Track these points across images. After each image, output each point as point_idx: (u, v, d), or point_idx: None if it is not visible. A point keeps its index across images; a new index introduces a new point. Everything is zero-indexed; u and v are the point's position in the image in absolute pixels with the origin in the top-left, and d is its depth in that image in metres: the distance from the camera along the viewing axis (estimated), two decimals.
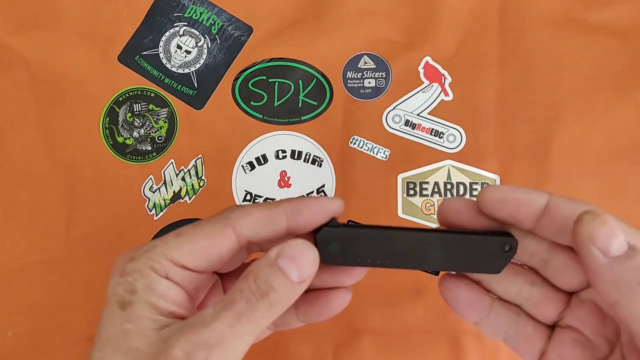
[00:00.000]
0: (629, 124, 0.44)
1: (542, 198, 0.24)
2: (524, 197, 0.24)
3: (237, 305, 0.22)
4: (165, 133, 0.45)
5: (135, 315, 0.23)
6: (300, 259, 0.23)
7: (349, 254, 0.25)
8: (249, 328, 0.22)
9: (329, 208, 0.25)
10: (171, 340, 0.22)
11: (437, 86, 0.44)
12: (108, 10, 0.45)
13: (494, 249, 0.25)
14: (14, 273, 0.43)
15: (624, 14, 0.44)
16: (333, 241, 0.25)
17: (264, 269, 0.23)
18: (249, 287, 0.23)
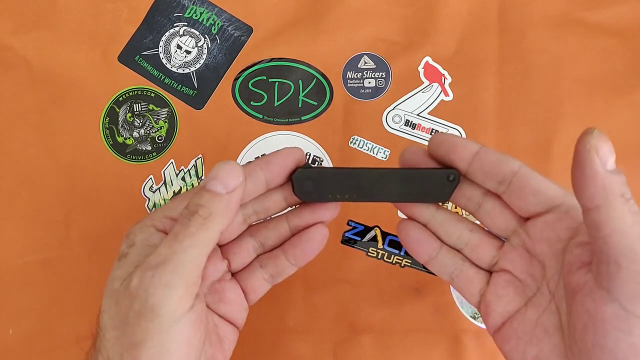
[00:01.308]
0: (628, 124, 0.44)
1: (475, 146, 0.28)
2: (459, 142, 0.28)
3: (174, 229, 0.26)
4: (165, 133, 0.45)
5: (127, 263, 0.27)
6: (221, 173, 0.26)
7: (321, 190, 0.29)
8: (188, 242, 0.25)
9: (292, 155, 0.29)
10: (132, 274, 0.26)
11: (437, 86, 0.44)
12: (108, 10, 0.45)
13: (441, 180, 0.29)
14: (14, 272, 0.43)
15: (623, 14, 0.44)
16: (306, 180, 0.29)
17: (193, 197, 0.26)
18: (183, 213, 0.26)
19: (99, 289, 0.43)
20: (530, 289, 0.29)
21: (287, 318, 0.43)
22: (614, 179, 0.24)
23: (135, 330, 0.25)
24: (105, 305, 0.26)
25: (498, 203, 0.29)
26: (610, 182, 0.24)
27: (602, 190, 0.24)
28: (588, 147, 0.24)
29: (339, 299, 0.43)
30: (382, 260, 0.43)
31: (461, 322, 0.43)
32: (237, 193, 0.27)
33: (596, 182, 0.24)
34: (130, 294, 0.25)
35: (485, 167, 0.28)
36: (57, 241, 0.43)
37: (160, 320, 0.25)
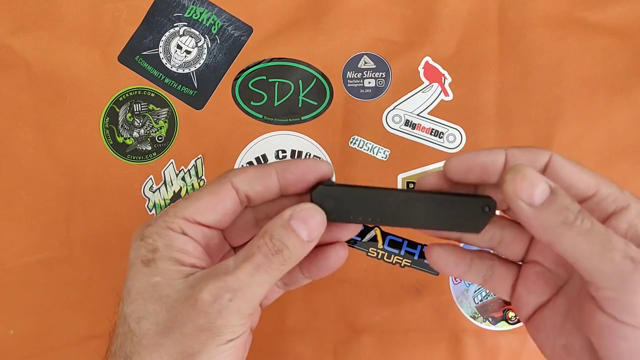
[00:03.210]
0: (628, 123, 0.44)
1: (501, 156, 0.26)
2: (487, 160, 0.27)
3: (256, 258, 0.25)
4: (165, 133, 0.45)
5: (160, 269, 0.26)
6: (310, 220, 0.26)
7: (342, 211, 0.27)
8: (266, 278, 0.25)
9: (315, 168, 0.28)
10: (199, 285, 0.25)
11: (437, 86, 0.44)
12: (108, 10, 0.45)
13: (475, 210, 0.27)
14: (15, 273, 0.43)
15: (623, 14, 0.44)
16: (327, 198, 0.27)
17: (278, 229, 0.26)
18: (266, 244, 0.26)
19: (99, 288, 0.43)
20: (561, 278, 0.29)
21: (287, 318, 0.43)
22: (547, 213, 0.24)
23: (192, 342, 0.25)
24: (145, 311, 0.25)
25: None
26: (546, 218, 0.24)
27: (543, 229, 0.24)
28: (508, 197, 0.24)
29: (339, 298, 0.43)
30: (382, 260, 0.43)
31: (461, 322, 0.43)
32: (314, 244, 0.27)
33: (534, 224, 0.24)
34: (196, 308, 0.24)
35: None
36: (57, 241, 0.43)
37: (221, 339, 0.25)
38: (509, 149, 0.27)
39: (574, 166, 0.26)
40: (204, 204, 0.27)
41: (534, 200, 0.24)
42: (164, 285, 0.26)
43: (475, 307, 0.43)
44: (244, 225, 0.30)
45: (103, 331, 0.43)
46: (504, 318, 0.43)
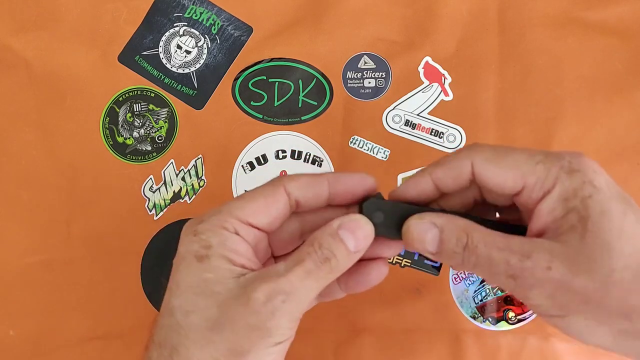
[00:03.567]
0: (628, 124, 0.44)
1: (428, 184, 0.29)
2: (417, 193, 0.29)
3: (306, 264, 0.26)
4: (165, 133, 0.45)
5: (213, 266, 0.26)
6: (358, 232, 0.27)
7: (390, 225, 0.28)
8: (314, 284, 0.26)
9: (363, 181, 0.29)
10: (252, 285, 0.25)
11: (437, 86, 0.44)
12: (108, 10, 0.45)
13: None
14: (15, 273, 0.43)
15: (623, 14, 0.44)
16: (377, 212, 0.28)
17: (327, 238, 0.27)
18: (315, 251, 0.26)
19: (99, 289, 0.43)
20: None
21: None
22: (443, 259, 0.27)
23: (242, 340, 0.25)
24: (195, 305, 0.26)
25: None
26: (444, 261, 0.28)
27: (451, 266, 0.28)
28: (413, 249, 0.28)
29: (339, 299, 0.43)
30: None
31: (461, 322, 0.43)
32: (360, 255, 0.27)
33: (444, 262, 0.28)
34: (250, 306, 0.25)
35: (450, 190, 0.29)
36: (57, 242, 0.43)
37: (270, 340, 0.25)
38: (433, 172, 0.28)
39: (496, 168, 0.27)
40: (257, 205, 0.28)
41: (429, 250, 0.27)
42: (216, 282, 0.26)
43: (475, 307, 0.43)
44: (290, 235, 0.31)
45: (104, 332, 0.43)
46: (504, 318, 0.43)
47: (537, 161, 0.26)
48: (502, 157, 0.27)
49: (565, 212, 0.25)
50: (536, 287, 0.25)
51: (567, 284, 0.24)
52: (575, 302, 0.24)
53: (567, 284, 0.24)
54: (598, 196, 0.25)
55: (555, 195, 0.25)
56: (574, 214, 0.25)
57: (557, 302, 0.25)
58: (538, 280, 0.25)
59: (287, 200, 0.29)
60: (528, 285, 0.25)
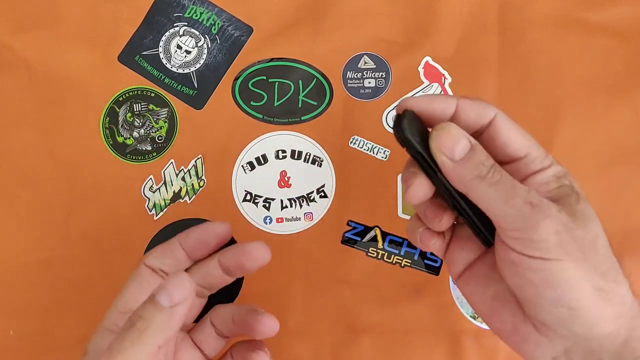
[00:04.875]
0: (628, 125, 0.44)
1: (452, 104, 0.29)
2: (439, 107, 0.29)
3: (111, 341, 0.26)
4: (165, 133, 0.45)
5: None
6: (168, 284, 0.27)
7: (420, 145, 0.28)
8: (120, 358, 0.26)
9: (212, 231, 0.33)
10: None
11: (437, 86, 0.44)
12: (108, 10, 0.45)
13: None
14: (15, 273, 0.43)
15: (623, 14, 0.44)
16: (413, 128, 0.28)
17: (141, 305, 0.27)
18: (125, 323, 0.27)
19: (99, 289, 0.43)
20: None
21: (286, 319, 0.43)
22: (464, 167, 0.27)
23: None
24: None
25: None
26: (462, 172, 0.27)
27: (460, 181, 0.28)
28: (434, 153, 0.28)
29: (338, 299, 0.43)
30: (382, 260, 0.43)
31: (461, 323, 0.43)
32: (181, 307, 0.27)
33: (452, 177, 0.28)
34: None
35: (466, 123, 0.29)
36: (57, 241, 0.43)
37: None
38: (460, 99, 0.29)
39: (513, 128, 0.29)
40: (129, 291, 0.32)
41: (454, 155, 0.27)
42: None
43: None
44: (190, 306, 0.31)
45: None
46: None
47: (539, 146, 0.30)
48: (518, 126, 0.30)
49: (559, 185, 0.28)
50: (550, 219, 0.26)
51: (570, 229, 0.26)
52: (573, 247, 0.26)
53: (571, 229, 0.26)
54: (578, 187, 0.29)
55: (550, 172, 0.29)
56: (567, 187, 0.28)
57: (562, 240, 0.26)
58: (553, 214, 0.26)
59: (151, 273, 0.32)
60: (544, 215, 0.26)
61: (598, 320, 0.27)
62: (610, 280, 0.27)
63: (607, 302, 0.27)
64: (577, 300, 0.26)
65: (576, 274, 0.26)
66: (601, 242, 0.28)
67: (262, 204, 0.44)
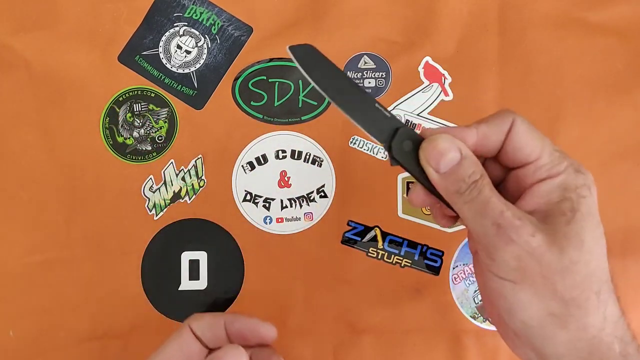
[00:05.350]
0: (629, 124, 0.44)
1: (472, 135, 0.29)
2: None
3: None
4: (165, 133, 0.45)
5: None
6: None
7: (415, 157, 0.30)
8: None
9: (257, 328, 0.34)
10: None
11: (437, 86, 0.44)
12: (108, 10, 0.45)
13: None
14: (15, 273, 0.43)
15: (623, 14, 0.44)
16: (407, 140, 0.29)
17: None
18: None
19: (100, 289, 0.43)
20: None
21: (287, 319, 0.43)
22: (446, 182, 0.28)
23: None
24: None
25: None
26: (444, 185, 0.28)
27: (445, 192, 0.29)
28: (423, 164, 0.29)
29: (339, 299, 0.43)
30: (382, 260, 0.43)
31: (461, 322, 0.43)
32: None
33: (438, 187, 0.29)
34: None
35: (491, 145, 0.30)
36: (57, 242, 0.43)
37: None
38: (479, 126, 0.29)
39: (527, 131, 0.29)
40: (169, 349, 0.33)
41: (439, 168, 0.28)
42: None
43: (475, 307, 0.43)
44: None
45: (103, 332, 0.43)
46: None
47: (555, 149, 0.29)
48: (534, 128, 0.29)
49: (560, 199, 0.28)
50: (514, 244, 0.27)
51: (539, 255, 0.27)
52: (535, 272, 0.27)
53: (540, 255, 0.27)
54: (590, 201, 0.28)
55: (557, 181, 0.28)
56: (568, 203, 0.27)
57: (521, 265, 0.27)
58: (519, 239, 0.27)
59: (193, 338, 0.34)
60: (507, 239, 0.27)
61: (548, 342, 0.28)
62: (574, 307, 0.27)
63: (560, 328, 0.27)
64: (529, 319, 0.28)
65: (528, 299, 0.27)
66: (581, 267, 0.27)
67: (262, 204, 0.44)
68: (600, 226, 0.28)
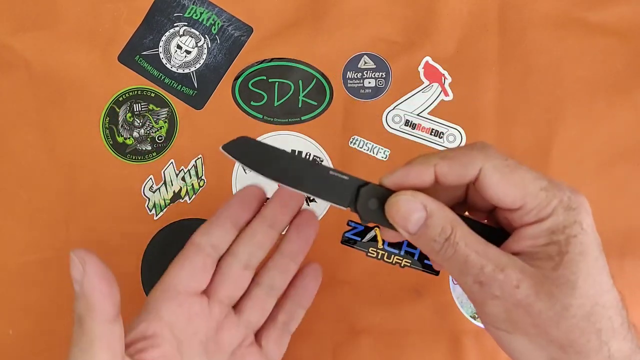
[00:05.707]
0: (629, 125, 0.44)
1: (429, 173, 0.28)
2: (416, 180, 0.28)
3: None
4: (165, 133, 0.45)
5: None
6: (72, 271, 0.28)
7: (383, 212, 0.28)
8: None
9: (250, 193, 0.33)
10: None
11: (437, 86, 0.44)
12: (108, 10, 0.45)
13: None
14: (14, 272, 0.43)
15: (623, 14, 0.44)
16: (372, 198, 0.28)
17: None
18: None
19: None
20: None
21: None
22: (419, 242, 0.27)
23: None
24: None
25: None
26: (419, 244, 0.28)
27: (423, 251, 0.28)
28: (391, 222, 0.28)
29: (338, 299, 0.43)
30: (382, 260, 0.43)
31: (461, 323, 0.43)
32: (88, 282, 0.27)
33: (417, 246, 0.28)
34: None
35: (449, 185, 0.28)
36: (56, 241, 0.43)
37: None
38: (439, 164, 0.27)
39: (503, 180, 0.26)
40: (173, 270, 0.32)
41: (408, 230, 0.27)
42: None
43: None
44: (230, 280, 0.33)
45: None
46: None
47: (542, 187, 0.26)
48: (511, 170, 0.27)
49: (547, 242, 0.26)
50: (499, 299, 0.26)
51: (527, 305, 0.25)
52: (526, 322, 0.26)
53: (527, 305, 0.25)
54: (582, 237, 0.26)
55: (545, 225, 0.26)
56: (555, 246, 0.26)
57: (511, 317, 0.26)
58: (503, 294, 0.26)
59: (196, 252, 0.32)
60: (491, 295, 0.26)
61: None
62: (573, 353, 0.26)
63: None
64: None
65: (525, 347, 0.27)
66: (574, 312, 0.25)
67: None
68: (599, 259, 0.26)
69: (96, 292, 0.26)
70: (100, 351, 0.26)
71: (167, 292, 0.31)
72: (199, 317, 0.31)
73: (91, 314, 0.26)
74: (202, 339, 0.31)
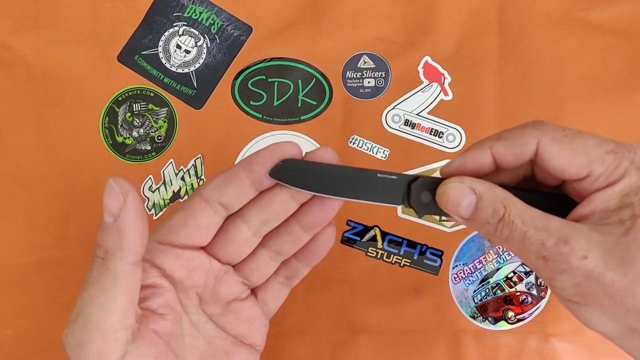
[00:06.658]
0: (629, 123, 0.44)
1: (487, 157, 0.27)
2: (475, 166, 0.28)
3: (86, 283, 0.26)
4: (165, 133, 0.45)
5: None
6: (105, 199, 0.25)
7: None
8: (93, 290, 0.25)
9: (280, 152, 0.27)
10: None
11: (437, 86, 0.44)
12: (107, 10, 0.45)
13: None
14: (12, 272, 0.43)
15: (623, 14, 0.44)
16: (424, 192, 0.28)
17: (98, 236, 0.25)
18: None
19: None
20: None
21: (286, 318, 0.43)
22: (473, 225, 0.27)
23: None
24: None
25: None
26: (474, 228, 0.27)
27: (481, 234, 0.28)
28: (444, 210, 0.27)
29: (338, 299, 0.43)
30: (381, 260, 0.43)
31: (461, 322, 0.43)
32: (126, 217, 0.24)
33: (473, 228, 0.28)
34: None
35: (507, 167, 0.28)
36: (55, 241, 0.43)
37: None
38: (494, 145, 0.27)
39: (563, 150, 0.26)
40: (174, 222, 0.27)
41: (461, 215, 0.27)
42: None
43: (474, 306, 0.43)
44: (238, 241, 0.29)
45: None
46: (504, 318, 0.43)
47: (608, 150, 0.25)
48: (570, 139, 0.26)
49: (619, 206, 0.25)
50: (566, 272, 0.24)
51: (597, 276, 0.24)
52: (599, 294, 0.24)
53: (598, 275, 0.24)
54: None
55: (617, 188, 0.25)
56: (628, 209, 0.25)
57: (582, 290, 0.25)
58: (570, 267, 0.24)
59: (205, 207, 0.27)
60: (558, 270, 0.24)
61: (634, 351, 0.26)
62: None
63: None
64: (606, 333, 0.26)
65: (600, 318, 0.25)
66: None
67: None
68: None
69: (131, 230, 0.24)
70: (121, 294, 0.24)
71: (164, 245, 0.28)
72: (197, 272, 0.29)
73: (120, 251, 0.24)
74: (199, 291, 0.30)
